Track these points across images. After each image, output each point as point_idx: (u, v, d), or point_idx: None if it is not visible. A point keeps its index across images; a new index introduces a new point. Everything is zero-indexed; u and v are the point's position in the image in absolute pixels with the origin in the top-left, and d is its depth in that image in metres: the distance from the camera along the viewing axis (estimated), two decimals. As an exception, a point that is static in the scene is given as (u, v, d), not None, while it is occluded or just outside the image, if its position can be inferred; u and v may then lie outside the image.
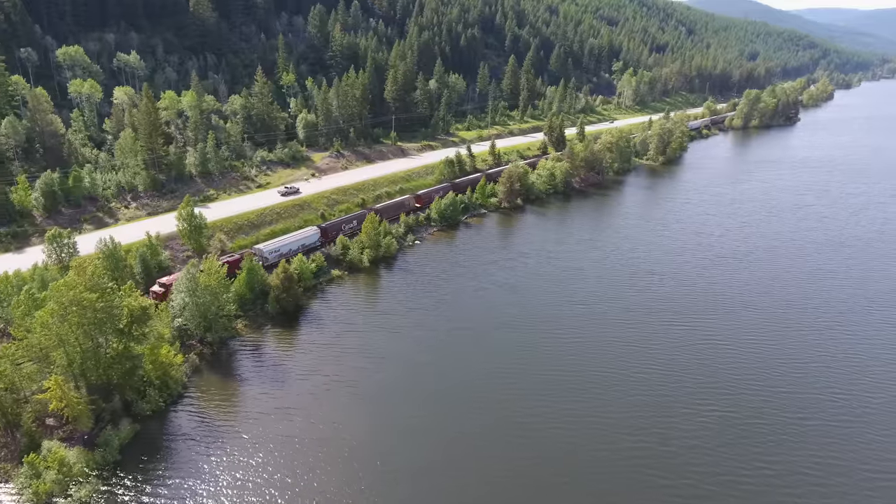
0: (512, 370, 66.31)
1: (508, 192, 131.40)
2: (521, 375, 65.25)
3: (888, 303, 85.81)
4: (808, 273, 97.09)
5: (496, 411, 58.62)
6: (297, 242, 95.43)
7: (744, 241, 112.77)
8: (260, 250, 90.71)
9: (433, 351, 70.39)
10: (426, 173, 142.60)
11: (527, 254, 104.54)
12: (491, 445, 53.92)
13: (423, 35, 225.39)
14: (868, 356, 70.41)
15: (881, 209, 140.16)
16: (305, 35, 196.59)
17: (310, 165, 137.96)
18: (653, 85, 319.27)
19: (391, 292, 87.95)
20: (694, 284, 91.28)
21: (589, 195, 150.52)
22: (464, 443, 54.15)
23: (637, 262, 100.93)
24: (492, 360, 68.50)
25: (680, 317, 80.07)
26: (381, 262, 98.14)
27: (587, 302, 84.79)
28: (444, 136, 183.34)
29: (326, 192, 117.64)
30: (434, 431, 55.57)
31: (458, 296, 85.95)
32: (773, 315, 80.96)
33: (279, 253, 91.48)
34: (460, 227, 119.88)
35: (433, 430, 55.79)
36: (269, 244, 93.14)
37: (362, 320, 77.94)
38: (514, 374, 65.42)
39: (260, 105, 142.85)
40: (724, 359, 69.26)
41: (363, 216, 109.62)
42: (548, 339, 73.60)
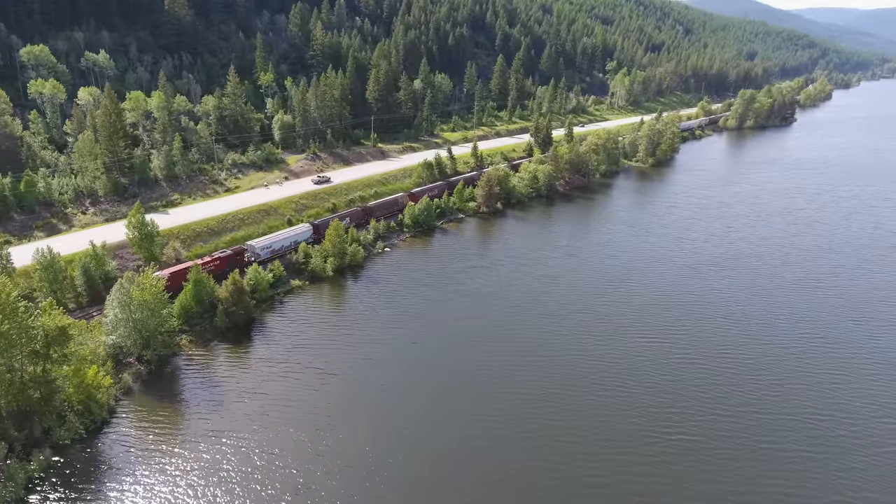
0: (467, 390, 62.13)
1: (487, 196, 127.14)
2: (475, 395, 61.08)
3: (873, 315, 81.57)
4: (792, 282, 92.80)
5: (449, 441, 54.41)
6: (289, 239, 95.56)
7: (727, 248, 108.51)
8: (252, 246, 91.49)
9: (385, 368, 66.16)
10: (404, 176, 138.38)
11: (500, 261, 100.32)
12: (445, 478, 49.76)
13: (409, 34, 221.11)
14: (850, 370, 66.20)
15: (873, 213, 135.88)
16: (287, 34, 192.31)
17: (283, 168, 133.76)
18: (647, 85, 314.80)
19: (352, 304, 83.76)
20: (670, 295, 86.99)
21: (573, 199, 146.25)
22: (411, 472, 49.96)
23: (614, 270, 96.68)
24: (448, 380, 64.28)
25: (652, 329, 75.82)
26: (348, 271, 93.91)
27: (556, 314, 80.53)
28: (428, 137, 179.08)
29: (296, 197, 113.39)
30: (376, 462, 51.38)
31: (422, 307, 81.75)
32: (752, 328, 76.71)
33: (271, 249, 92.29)
34: (436, 232, 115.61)
35: (375, 461, 51.60)
36: (260, 240, 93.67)
37: (316, 335, 73.74)
38: (469, 394, 61.23)
39: (233, 106, 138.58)
40: (697, 376, 65.03)
41: (356, 213, 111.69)
42: (510, 354, 69.37)
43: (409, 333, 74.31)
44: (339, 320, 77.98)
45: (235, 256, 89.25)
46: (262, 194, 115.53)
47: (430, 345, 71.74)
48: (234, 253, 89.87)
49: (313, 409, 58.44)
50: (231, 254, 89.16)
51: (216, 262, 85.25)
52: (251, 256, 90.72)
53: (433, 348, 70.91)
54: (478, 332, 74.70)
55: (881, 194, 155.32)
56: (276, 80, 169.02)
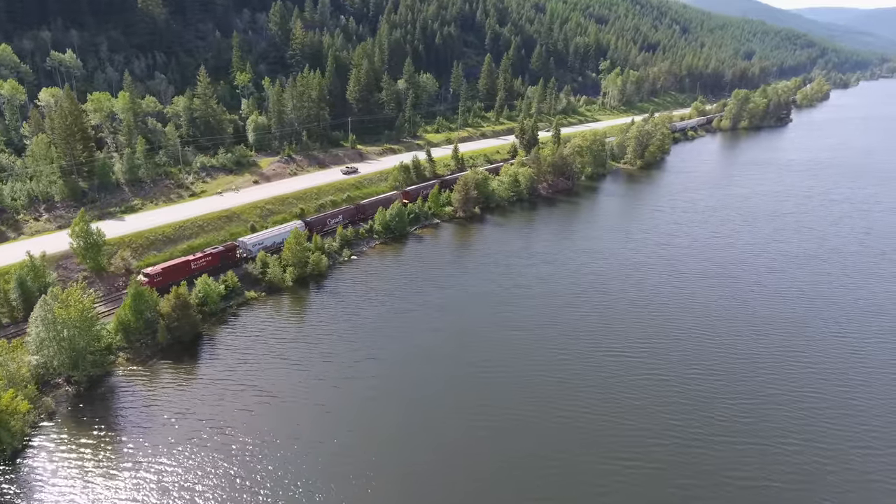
0: (420, 411, 57.93)
1: (464, 201, 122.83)
2: (427, 417, 56.90)
3: (857, 328, 77.38)
4: (775, 292, 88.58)
5: (396, 474, 50.27)
6: (281, 236, 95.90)
7: (710, 255, 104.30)
8: (244, 243, 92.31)
9: (332, 389, 61.99)
10: (380, 179, 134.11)
11: (470, 270, 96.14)
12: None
13: (395, 33, 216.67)
14: (829, 388, 62.03)
15: (863, 217, 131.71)
16: (267, 33, 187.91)
17: (254, 171, 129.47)
18: (640, 85, 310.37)
19: (308, 317, 79.51)
20: (645, 306, 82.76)
21: (556, 203, 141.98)
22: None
23: (588, 279, 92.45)
24: (400, 401, 60.09)
25: (622, 343, 71.63)
26: (310, 281, 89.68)
27: (523, 327, 76.36)
28: (410, 139, 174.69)
29: (261, 202, 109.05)
30: (307, 497, 47.21)
31: (381, 320, 77.51)
32: (729, 341, 72.53)
33: (262, 245, 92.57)
34: (409, 239, 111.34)
35: (306, 494, 47.43)
36: (252, 237, 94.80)
37: (264, 351, 69.50)
38: (422, 416, 57.05)
39: (204, 107, 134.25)
40: (668, 394, 60.84)
41: (349, 211, 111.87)
42: (469, 371, 65.24)
43: (365, 348, 70.13)
44: (291, 335, 73.75)
45: (227, 252, 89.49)
46: (229, 199, 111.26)
47: (386, 360, 67.53)
48: (226, 249, 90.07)
49: (246, 435, 54.26)
50: (223, 250, 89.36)
51: (208, 258, 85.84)
52: (243, 253, 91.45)
53: (388, 364, 66.70)
54: (436, 348, 70.49)
55: (873, 197, 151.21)
56: (253, 80, 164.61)
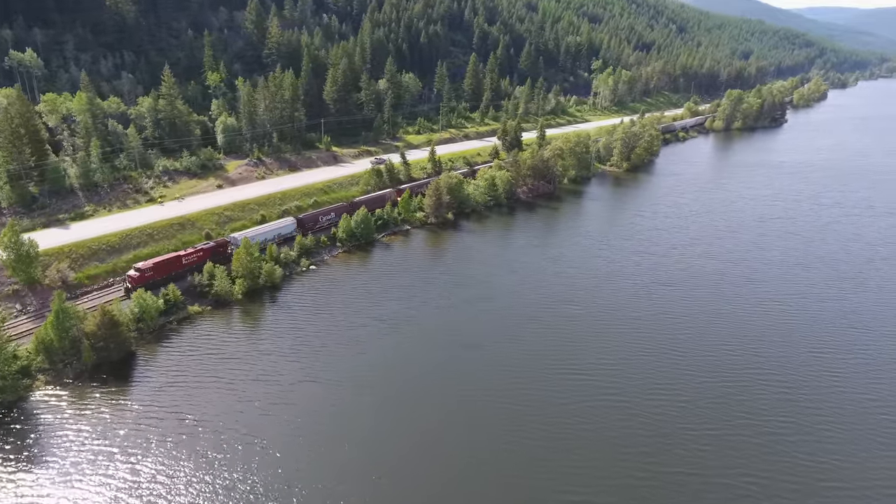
0: (353, 443, 53.17)
1: (436, 206, 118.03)
2: (364, 452, 52.16)
3: (836, 343, 72.54)
4: (753, 305, 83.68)
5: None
6: (272, 232, 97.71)
7: (687, 263, 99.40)
8: (235, 239, 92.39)
9: (263, 414, 57.19)
10: (350, 184, 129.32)
11: (433, 280, 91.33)
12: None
13: (378, 32, 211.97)
14: (802, 416, 57.28)
15: (853, 223, 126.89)
16: (244, 31, 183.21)
17: (220, 175, 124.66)
18: (632, 85, 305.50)
19: (252, 333, 74.66)
20: (612, 320, 77.93)
21: (535, 207, 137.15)
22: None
23: (557, 290, 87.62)
24: (333, 432, 55.30)
25: (584, 363, 66.81)
26: (264, 293, 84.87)
27: (480, 344, 71.62)
28: (389, 140, 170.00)
29: (219, 208, 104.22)
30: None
31: (329, 336, 72.67)
32: (699, 359, 67.68)
33: (253, 242, 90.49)
34: (375, 247, 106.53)
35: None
36: (243, 233, 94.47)
37: (198, 371, 64.67)
38: (357, 450, 52.30)
39: (168, 107, 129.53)
40: (631, 422, 56.07)
41: (341, 209, 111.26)
42: (417, 394, 60.48)
43: (306, 368, 65.34)
44: (230, 353, 68.90)
45: (218, 248, 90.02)
46: (186, 205, 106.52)
47: (327, 383, 62.74)
48: (218, 245, 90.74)
49: (157, 466, 49.51)
50: (214, 245, 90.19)
51: (199, 254, 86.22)
52: (234, 249, 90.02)
53: (328, 388, 61.92)
54: (383, 369, 65.71)
55: (864, 201, 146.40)
56: (228, 80, 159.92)
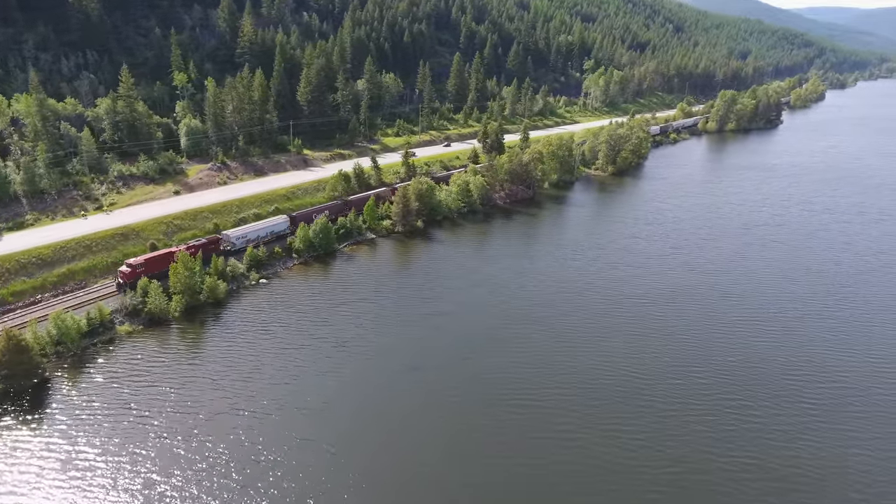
0: (268, 484, 47.54)
1: (404, 213, 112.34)
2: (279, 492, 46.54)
3: (820, 367, 66.82)
4: (729, 323, 77.95)
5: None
6: (265, 230, 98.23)
7: (664, 276, 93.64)
8: (227, 236, 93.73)
9: (180, 450, 51.55)
10: (316, 189, 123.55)
11: (388, 295, 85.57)
12: None
13: (358, 30, 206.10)
14: (775, 448, 51.61)
15: (843, 230, 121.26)
16: (217, 30, 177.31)
17: (179, 181, 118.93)
18: (624, 85, 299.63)
19: (183, 356, 68.73)
20: (577, 341, 72.22)
21: (512, 214, 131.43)
22: None
23: (520, 305, 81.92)
24: (248, 474, 49.66)
25: (540, 388, 61.14)
26: (206, 310, 79.16)
27: (426, 367, 66.06)
28: (365, 143, 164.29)
29: (169, 217, 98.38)
30: None
31: (265, 359, 66.88)
32: (669, 384, 61.99)
33: (246, 239, 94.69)
34: (336, 257, 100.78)
35: None
36: (236, 230, 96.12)
37: (111, 401, 58.85)
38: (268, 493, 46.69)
39: (127, 109, 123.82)
40: (585, 458, 50.46)
41: (336, 207, 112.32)
42: (342, 430, 54.79)
43: (230, 398, 59.62)
44: (153, 380, 63.09)
45: (210, 245, 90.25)
46: (138, 212, 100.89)
47: (252, 414, 57.06)
48: (210, 241, 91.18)
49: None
50: (206, 242, 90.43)
51: (192, 251, 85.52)
52: (227, 246, 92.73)
53: (252, 421, 56.23)
54: (318, 397, 60.03)
55: (856, 206, 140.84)
56: (197, 80, 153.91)
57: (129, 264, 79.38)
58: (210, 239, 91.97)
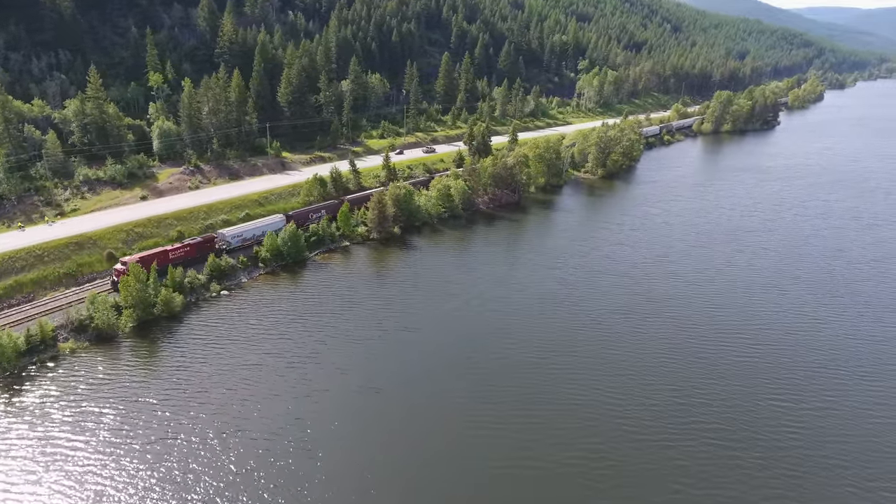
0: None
1: (379, 220, 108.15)
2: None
3: (803, 385, 62.65)
4: (710, 338, 73.70)
5: None
6: (260, 228, 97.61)
7: (647, 286, 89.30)
8: (223, 234, 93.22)
9: (91, 486, 47.45)
10: (291, 194, 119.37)
11: (355, 307, 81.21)
12: None
13: (344, 29, 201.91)
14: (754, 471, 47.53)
15: (836, 237, 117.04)
16: (198, 29, 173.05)
17: (148, 185, 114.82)
18: (619, 85, 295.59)
19: (124, 378, 63.99)
20: (549, 359, 67.96)
21: (495, 219, 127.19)
22: None
23: (491, 318, 77.80)
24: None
25: (510, 416, 56.98)
26: (160, 324, 74.98)
27: (386, 387, 61.73)
28: (348, 145, 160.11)
29: (130, 224, 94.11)
30: None
31: (209, 380, 62.63)
32: (640, 408, 57.83)
33: (242, 238, 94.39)
34: (306, 266, 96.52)
35: None
36: (231, 229, 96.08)
37: (34, 427, 54.77)
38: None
39: (96, 111, 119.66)
40: (569, 466, 46.38)
41: (334, 206, 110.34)
42: (286, 457, 50.65)
43: (173, 422, 55.47)
44: (91, 402, 58.78)
45: (205, 244, 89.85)
46: (100, 219, 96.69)
47: (191, 440, 52.95)
48: (205, 240, 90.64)
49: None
50: (201, 241, 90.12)
51: (186, 249, 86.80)
52: (222, 244, 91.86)
53: (186, 448, 52.11)
54: (258, 421, 55.85)
55: (850, 211, 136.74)
56: (174, 81, 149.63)
57: (124, 262, 79.91)
58: (205, 237, 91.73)
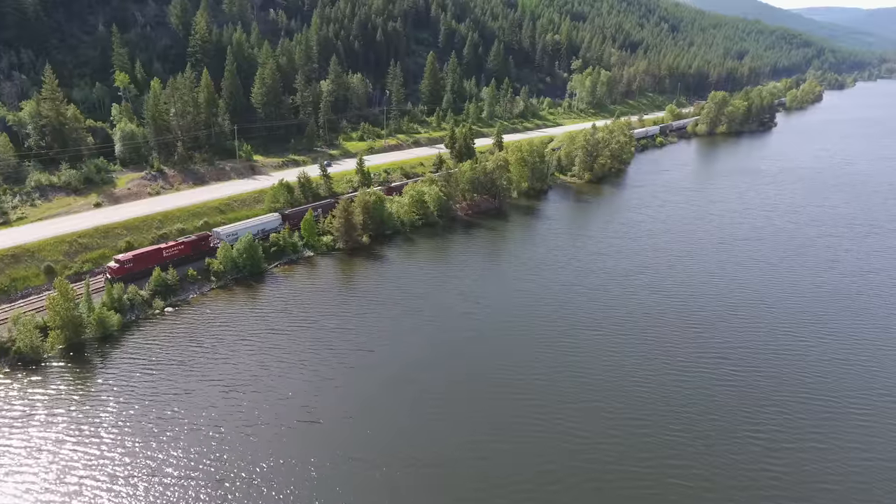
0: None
1: (346, 228, 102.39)
2: None
3: (786, 416, 56.90)
4: (688, 357, 67.88)
5: None
6: (255, 227, 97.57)
7: (625, 300, 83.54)
8: (217, 233, 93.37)
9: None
10: (255, 200, 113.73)
11: (306, 324, 75.45)
12: None
13: (326, 28, 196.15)
14: None
15: (830, 246, 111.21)
16: (172, 28, 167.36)
17: (105, 191, 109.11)
18: (612, 86, 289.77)
19: (38, 409, 58.61)
20: (507, 381, 62.23)
21: (473, 227, 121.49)
22: None
23: (454, 337, 72.03)
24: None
25: (450, 450, 51.30)
26: (92, 346, 69.26)
27: (327, 418, 56.01)
28: (325, 148, 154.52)
29: (74, 235, 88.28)
30: None
31: (134, 407, 57.04)
32: (613, 434, 52.12)
33: (236, 237, 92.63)
34: (264, 280, 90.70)
35: None
36: (226, 227, 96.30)
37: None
38: None
39: (53, 113, 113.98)
40: None
41: (330, 206, 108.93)
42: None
43: (82, 458, 49.80)
44: None
45: (200, 242, 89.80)
46: (41, 228, 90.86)
47: (93, 485, 47.30)
48: (199, 239, 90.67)
49: None
50: (195, 239, 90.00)
51: (180, 247, 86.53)
52: (217, 244, 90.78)
53: (91, 494, 46.46)
54: (186, 453, 50.18)
55: (845, 218, 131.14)
56: (144, 80, 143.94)
57: (118, 260, 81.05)
58: (199, 236, 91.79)
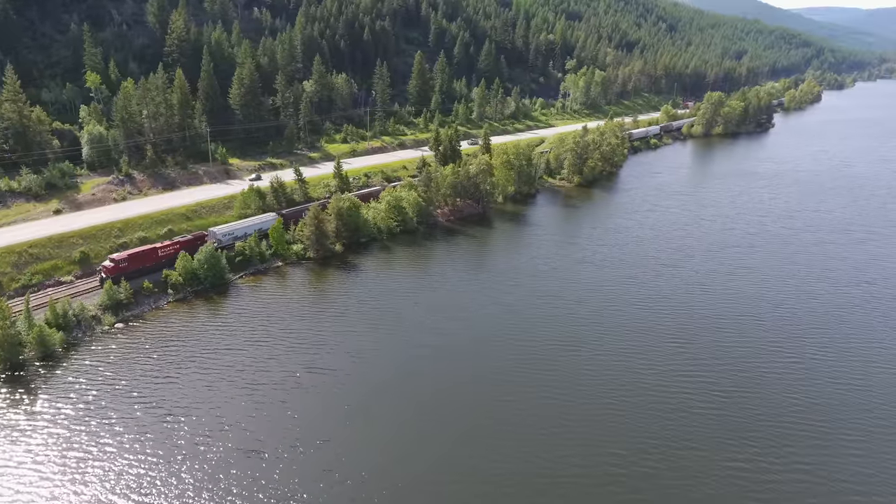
0: None
1: (317, 236, 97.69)
2: None
3: (767, 445, 52.25)
4: (669, 375, 63.23)
5: None
6: (252, 227, 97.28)
7: (605, 314, 78.86)
8: (213, 232, 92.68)
9: None
10: (225, 207, 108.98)
11: (265, 340, 70.71)
12: None
13: (311, 27, 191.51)
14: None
15: (825, 254, 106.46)
16: (150, 27, 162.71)
17: (68, 197, 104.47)
18: (607, 86, 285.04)
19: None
20: (471, 403, 57.59)
21: (455, 234, 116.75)
22: None
23: (422, 354, 67.36)
24: None
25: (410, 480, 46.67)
26: (32, 368, 64.58)
27: (276, 447, 51.36)
28: (305, 150, 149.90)
29: (24, 244, 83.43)
30: None
31: (64, 436, 52.47)
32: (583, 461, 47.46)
33: (233, 236, 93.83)
34: (228, 291, 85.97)
35: None
36: (222, 227, 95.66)
37: None
38: None
39: (14, 114, 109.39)
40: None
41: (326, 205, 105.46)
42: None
43: None
44: None
45: (196, 241, 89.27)
46: None
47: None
48: (195, 238, 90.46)
49: None
50: (192, 238, 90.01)
51: (175, 247, 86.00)
52: (214, 243, 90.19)
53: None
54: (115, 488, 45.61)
55: (841, 223, 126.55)
56: (118, 81, 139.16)
57: (113, 259, 79.99)
58: (196, 235, 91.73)
